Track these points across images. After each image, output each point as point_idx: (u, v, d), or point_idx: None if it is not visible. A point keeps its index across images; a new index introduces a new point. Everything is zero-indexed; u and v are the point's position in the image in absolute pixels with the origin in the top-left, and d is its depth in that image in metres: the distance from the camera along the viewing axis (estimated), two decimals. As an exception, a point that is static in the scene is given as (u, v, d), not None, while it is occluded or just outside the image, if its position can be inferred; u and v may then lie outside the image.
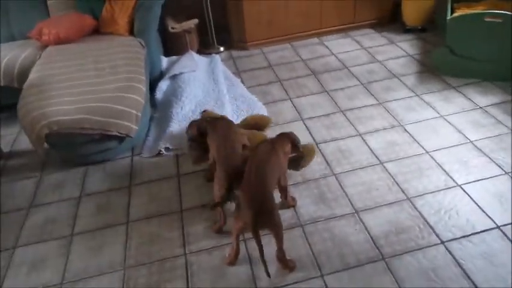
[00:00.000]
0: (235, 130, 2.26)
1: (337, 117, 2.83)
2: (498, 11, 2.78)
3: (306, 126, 2.76)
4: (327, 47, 3.82)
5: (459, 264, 1.79)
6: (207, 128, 2.26)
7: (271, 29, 3.85)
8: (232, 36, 4.01)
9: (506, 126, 2.56)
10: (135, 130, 2.55)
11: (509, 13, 2.74)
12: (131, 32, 3.28)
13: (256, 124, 2.65)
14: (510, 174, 2.21)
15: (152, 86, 3.18)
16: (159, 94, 3.18)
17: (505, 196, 2.09)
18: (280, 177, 2.01)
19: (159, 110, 3.05)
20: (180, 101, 2.99)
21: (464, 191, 2.15)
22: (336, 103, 2.98)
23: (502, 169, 2.25)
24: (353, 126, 2.72)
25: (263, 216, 1.71)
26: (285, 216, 2.10)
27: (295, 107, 3.00)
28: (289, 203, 2.14)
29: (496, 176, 2.22)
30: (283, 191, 2.10)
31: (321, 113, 2.89)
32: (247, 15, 3.72)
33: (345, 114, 2.85)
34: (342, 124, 2.75)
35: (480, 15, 2.84)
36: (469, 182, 2.20)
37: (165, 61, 3.55)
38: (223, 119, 2.34)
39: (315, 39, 3.98)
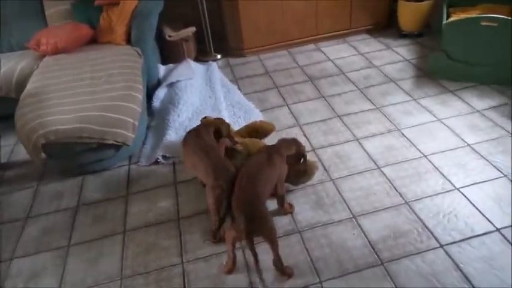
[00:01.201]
0: (210, 141, 2.15)
1: (334, 123, 2.82)
2: (494, 15, 2.78)
3: (303, 132, 2.76)
4: (323, 52, 3.83)
5: (459, 268, 1.77)
6: (183, 151, 2.18)
7: (268, 36, 3.87)
8: (229, 44, 4.02)
9: (504, 129, 2.55)
10: (132, 138, 2.54)
11: (505, 17, 2.75)
12: (128, 41, 3.29)
13: (258, 130, 2.52)
14: (509, 176, 2.20)
15: (149, 94, 3.19)
16: (156, 102, 3.18)
17: (504, 199, 2.08)
18: (277, 185, 2.00)
19: (156, 118, 3.05)
20: (177, 108, 2.99)
21: (462, 194, 2.14)
22: (333, 108, 2.98)
23: (501, 171, 2.24)
24: (350, 131, 2.72)
25: (255, 223, 1.70)
26: (282, 222, 2.09)
27: (292, 113, 3.00)
28: (286, 209, 2.13)
29: (494, 178, 2.20)
30: (280, 199, 2.09)
31: (318, 118, 2.89)
32: (244, 22, 3.74)
33: (342, 120, 2.84)
34: (339, 129, 2.75)
35: (476, 20, 2.84)
36: (468, 185, 2.18)
37: (162, 69, 3.56)
38: (192, 138, 2.17)
39: (312, 45, 3.99)
